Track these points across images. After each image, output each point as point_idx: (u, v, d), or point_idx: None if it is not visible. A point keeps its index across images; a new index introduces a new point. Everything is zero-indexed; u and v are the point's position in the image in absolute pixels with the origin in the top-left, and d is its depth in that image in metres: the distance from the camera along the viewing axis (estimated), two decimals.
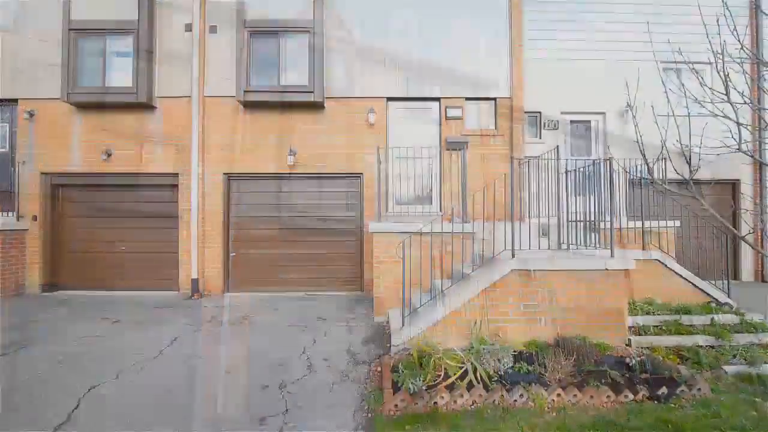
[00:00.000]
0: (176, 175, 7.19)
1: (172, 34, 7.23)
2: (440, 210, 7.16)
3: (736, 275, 8.03)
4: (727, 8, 2.68)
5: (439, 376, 3.50)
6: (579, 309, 4.20)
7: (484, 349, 3.77)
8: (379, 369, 3.84)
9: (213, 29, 7.23)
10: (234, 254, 7.30)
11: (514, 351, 3.89)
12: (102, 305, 6.25)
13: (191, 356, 4.21)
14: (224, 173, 7.24)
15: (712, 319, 4.69)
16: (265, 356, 4.20)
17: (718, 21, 2.85)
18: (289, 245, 7.31)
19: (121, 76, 7.01)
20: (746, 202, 7.76)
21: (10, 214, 7.08)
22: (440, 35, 7.30)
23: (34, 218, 7.10)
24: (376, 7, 7.31)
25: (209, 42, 7.24)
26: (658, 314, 4.82)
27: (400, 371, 3.51)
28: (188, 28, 7.18)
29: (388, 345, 4.31)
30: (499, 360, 3.65)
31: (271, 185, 7.37)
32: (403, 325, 4.26)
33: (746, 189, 7.96)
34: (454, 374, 3.50)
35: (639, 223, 5.83)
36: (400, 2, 7.31)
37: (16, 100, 7.24)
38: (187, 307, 6.15)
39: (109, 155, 7.11)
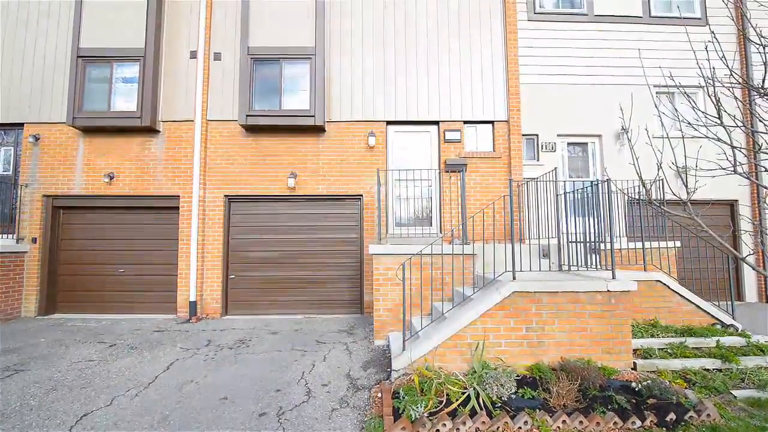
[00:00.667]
0: (177, 197, 7.23)
1: (177, 60, 7.44)
2: (440, 231, 7.17)
3: (739, 296, 7.96)
4: (715, 37, 2.77)
5: (441, 402, 3.41)
6: (582, 332, 4.14)
7: (486, 373, 3.69)
8: (379, 395, 3.75)
9: (217, 56, 7.45)
10: (233, 276, 7.26)
11: (517, 375, 3.81)
12: (98, 329, 6.17)
13: (187, 382, 4.11)
14: (225, 195, 7.29)
15: (718, 341, 4.61)
16: (262, 381, 4.11)
17: (706, 48, 2.94)
18: (289, 267, 7.28)
19: (126, 100, 7.16)
20: (745, 223, 7.78)
21: (10, 236, 7.09)
22: (439, 60, 7.52)
23: (34, 240, 7.10)
24: (376, 33, 7.56)
25: (213, 68, 7.44)
26: (663, 336, 4.75)
27: (401, 397, 3.43)
28: (193, 55, 7.41)
29: (389, 369, 4.23)
30: (502, 385, 3.57)
31: (272, 207, 7.40)
32: (403, 349, 4.19)
33: (744, 210, 7.99)
34: (457, 400, 3.41)
35: (639, 244, 5.84)
36: (400, 29, 7.56)
37: (22, 125, 7.38)
38: (185, 331, 6.06)
39: (111, 178, 7.18)
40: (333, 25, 7.55)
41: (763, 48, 2.62)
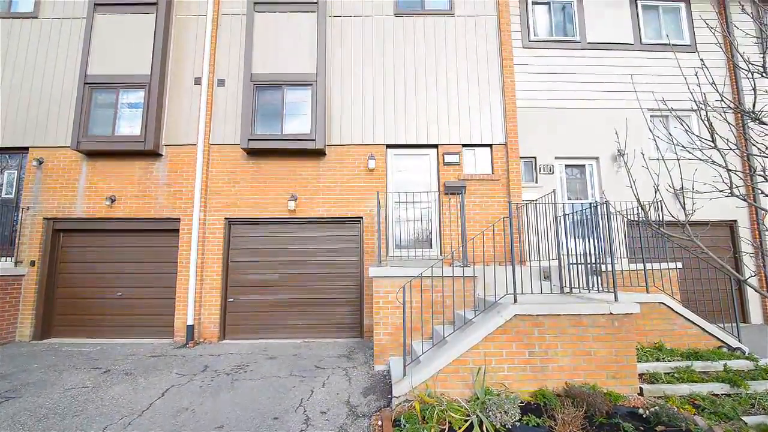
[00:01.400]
0: (177, 220, 7.25)
1: (181, 86, 7.62)
2: (440, 253, 7.15)
3: (744, 318, 7.85)
4: (704, 64, 2.86)
5: (444, 430, 3.31)
6: (586, 356, 4.06)
7: (489, 400, 3.60)
8: (379, 422, 3.64)
9: (221, 83, 7.64)
10: (232, 299, 7.18)
11: (521, 402, 3.72)
12: (93, 354, 6.05)
13: (182, 410, 4.00)
14: (225, 218, 7.31)
15: (725, 365, 4.52)
16: (259, 409, 4.00)
17: (696, 74, 3.03)
18: (289, 290, 7.22)
19: (130, 125, 7.30)
20: (745, 244, 7.77)
21: (9, 259, 7.06)
22: (437, 85, 7.70)
23: (32, 263, 7.06)
24: (376, 59, 7.77)
25: (216, 94, 7.61)
26: (668, 360, 4.65)
27: (402, 425, 3.34)
28: (197, 81, 7.60)
29: (389, 396, 4.13)
30: (505, 412, 3.47)
31: (272, 230, 7.41)
32: (404, 374, 4.10)
33: (744, 231, 8.00)
34: (459, 428, 3.31)
35: (640, 265, 5.81)
36: (399, 55, 7.79)
37: (26, 149, 7.48)
38: (181, 356, 5.94)
39: (113, 201, 7.22)
40: (334, 51, 7.78)
41: (752, 74, 2.70)
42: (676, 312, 5.20)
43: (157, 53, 7.37)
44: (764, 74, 2.70)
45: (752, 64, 2.74)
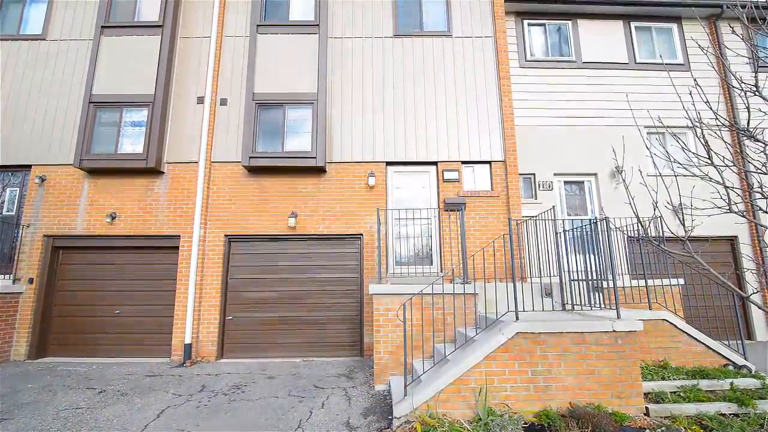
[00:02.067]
0: (178, 237, 7.25)
1: (184, 105, 7.74)
2: (441, 270, 7.12)
3: (749, 335, 7.75)
4: (697, 83, 2.92)
5: None
6: (590, 374, 4.00)
7: (492, 421, 3.53)
8: None
9: (223, 101, 7.76)
10: (230, 317, 7.10)
11: (525, 423, 3.64)
12: (89, 374, 5.95)
13: None
14: (225, 235, 7.30)
15: (732, 383, 4.44)
16: (257, 431, 3.91)
17: (690, 93, 3.09)
18: (288, 308, 7.15)
19: (132, 143, 7.38)
20: (746, 260, 7.74)
21: (7, 276, 7.02)
22: (436, 103, 7.82)
23: (30, 281, 7.02)
24: (376, 77, 7.92)
25: (219, 112, 7.72)
26: (674, 379, 4.57)
27: None
28: (200, 100, 7.72)
29: (390, 417, 4.04)
30: None
31: (272, 247, 7.39)
32: (405, 394, 4.02)
33: (745, 247, 7.97)
34: None
35: (642, 282, 5.77)
36: (399, 74, 7.94)
37: (29, 166, 7.54)
38: (178, 376, 5.84)
39: (113, 218, 7.24)
40: (334, 71, 7.93)
41: (744, 93, 2.76)
42: (680, 329, 5.15)
43: (161, 73, 7.52)
44: (757, 93, 2.75)
45: (745, 83, 2.80)
